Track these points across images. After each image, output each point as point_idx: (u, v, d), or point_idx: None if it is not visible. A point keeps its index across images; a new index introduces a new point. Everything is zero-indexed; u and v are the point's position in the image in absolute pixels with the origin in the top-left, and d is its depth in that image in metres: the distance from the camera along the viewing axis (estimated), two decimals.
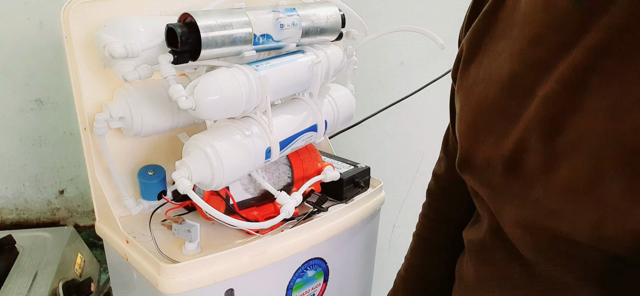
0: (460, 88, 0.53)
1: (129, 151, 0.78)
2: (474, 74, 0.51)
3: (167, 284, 0.63)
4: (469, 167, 0.50)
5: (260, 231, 0.71)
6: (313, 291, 0.80)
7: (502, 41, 0.48)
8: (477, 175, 0.49)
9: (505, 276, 0.48)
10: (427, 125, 1.28)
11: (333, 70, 0.78)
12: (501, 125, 0.46)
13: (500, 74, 0.46)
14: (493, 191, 0.47)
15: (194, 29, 0.60)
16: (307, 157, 0.80)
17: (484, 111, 0.48)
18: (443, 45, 0.75)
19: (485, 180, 0.48)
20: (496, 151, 0.46)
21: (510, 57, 0.46)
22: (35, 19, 1.03)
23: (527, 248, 0.45)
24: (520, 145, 0.44)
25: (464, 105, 0.51)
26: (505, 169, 0.45)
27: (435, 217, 0.68)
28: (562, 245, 0.41)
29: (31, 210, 1.16)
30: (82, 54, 0.69)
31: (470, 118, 0.50)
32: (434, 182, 0.69)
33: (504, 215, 0.46)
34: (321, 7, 0.75)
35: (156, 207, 0.78)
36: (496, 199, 0.47)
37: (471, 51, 0.52)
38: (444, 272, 0.65)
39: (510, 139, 0.45)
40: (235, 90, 0.62)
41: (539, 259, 0.44)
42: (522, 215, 0.44)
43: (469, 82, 0.51)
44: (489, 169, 0.47)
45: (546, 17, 0.43)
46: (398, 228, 1.39)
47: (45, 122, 1.10)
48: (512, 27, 0.47)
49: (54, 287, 0.87)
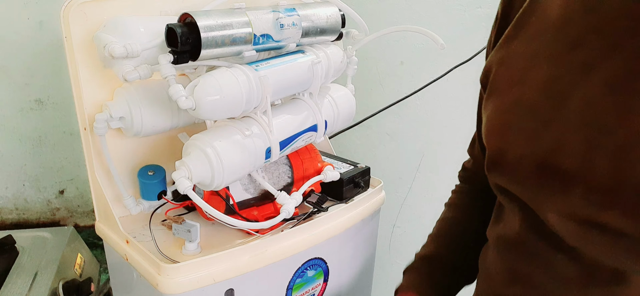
0: (492, 93, 0.54)
1: (129, 151, 0.78)
2: (506, 77, 0.51)
3: (167, 284, 0.63)
4: (500, 165, 0.51)
5: (260, 231, 0.71)
6: (313, 291, 0.80)
7: (536, 44, 0.49)
8: (508, 173, 0.50)
9: (548, 266, 0.49)
10: (427, 125, 1.28)
11: (333, 70, 0.78)
12: (535, 125, 0.46)
13: (537, 76, 0.47)
14: (528, 188, 0.48)
15: (194, 29, 0.60)
16: (307, 157, 0.80)
17: (518, 112, 0.49)
18: (443, 45, 0.75)
19: (518, 178, 0.49)
20: (529, 150, 0.47)
21: (547, 60, 0.47)
22: (35, 19, 1.03)
23: (573, 238, 0.46)
24: (556, 145, 0.44)
25: (496, 107, 0.52)
26: (538, 168, 0.46)
27: (466, 188, 0.72)
28: (609, 235, 0.42)
29: (31, 210, 1.16)
30: (82, 54, 0.69)
31: (502, 118, 0.51)
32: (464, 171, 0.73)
33: (546, 210, 0.47)
34: (321, 7, 0.75)
35: (156, 207, 0.78)
36: (535, 195, 0.48)
37: (502, 57, 0.53)
38: (477, 227, 0.66)
39: (545, 139, 0.45)
40: (235, 90, 0.62)
41: (585, 247, 0.45)
42: (564, 209, 0.45)
43: (502, 85, 0.52)
44: (521, 168, 0.48)
45: (588, 20, 0.44)
46: (398, 228, 1.39)
47: (45, 122, 1.10)
48: (546, 31, 0.48)
49: (54, 287, 0.87)
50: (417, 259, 0.70)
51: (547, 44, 0.47)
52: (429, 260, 0.69)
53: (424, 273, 0.68)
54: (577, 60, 0.44)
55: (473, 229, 0.67)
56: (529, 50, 0.49)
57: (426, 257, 0.69)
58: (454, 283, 0.68)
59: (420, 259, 0.70)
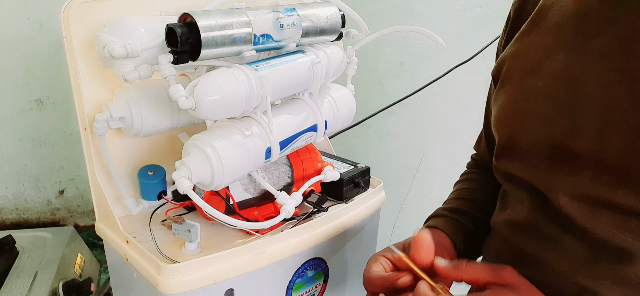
0: (504, 84, 0.55)
1: (129, 151, 0.78)
2: (521, 68, 0.53)
3: (167, 284, 0.63)
4: (511, 151, 0.53)
5: (260, 231, 0.71)
6: (313, 292, 0.80)
7: (553, 36, 0.51)
8: (519, 158, 0.52)
9: (557, 247, 0.50)
10: (427, 125, 1.28)
11: (333, 70, 0.78)
12: (550, 111, 0.48)
13: (553, 65, 0.49)
14: (539, 172, 0.50)
15: (194, 29, 0.60)
16: (307, 157, 0.80)
17: (533, 99, 0.51)
18: (443, 45, 0.75)
19: (529, 163, 0.51)
20: (543, 135, 0.49)
21: (564, 50, 0.49)
22: (35, 19, 1.04)
23: (583, 218, 0.47)
24: (570, 129, 0.46)
25: (509, 96, 0.54)
26: (551, 152, 0.48)
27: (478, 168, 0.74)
28: (619, 214, 0.44)
29: (31, 210, 1.16)
30: (82, 54, 0.69)
31: (516, 106, 0.53)
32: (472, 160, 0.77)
33: (557, 192, 0.48)
34: (321, 7, 0.75)
35: (156, 207, 0.78)
36: (546, 179, 0.49)
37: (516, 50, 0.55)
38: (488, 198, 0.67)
39: (559, 124, 0.47)
40: (235, 90, 0.62)
41: (594, 226, 0.46)
42: (575, 190, 0.46)
43: (516, 76, 0.54)
44: (533, 152, 0.50)
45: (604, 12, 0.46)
46: (398, 228, 1.39)
47: (45, 122, 1.10)
48: (563, 24, 0.50)
49: (54, 287, 0.87)
50: (439, 209, 0.70)
51: (564, 36, 0.49)
52: (451, 209, 0.69)
53: (449, 217, 0.68)
54: (593, 49, 0.46)
55: (489, 193, 0.68)
56: (546, 42, 0.51)
57: (449, 207, 0.70)
58: (479, 231, 0.67)
59: (442, 209, 0.70)
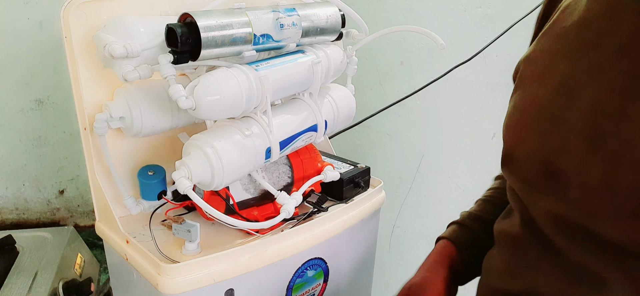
0: (516, 89, 0.54)
1: (129, 151, 0.78)
2: (529, 74, 0.52)
3: (167, 284, 0.63)
4: (510, 162, 0.51)
5: (260, 231, 0.71)
6: (313, 291, 0.80)
7: (560, 43, 0.49)
8: (515, 170, 0.51)
9: (538, 265, 0.49)
10: (427, 125, 1.28)
11: (333, 70, 0.78)
12: (545, 124, 0.47)
13: (553, 74, 0.47)
14: (527, 186, 0.49)
15: (194, 29, 0.60)
16: (307, 157, 0.80)
17: (532, 109, 0.49)
18: (443, 45, 0.75)
19: (522, 175, 0.49)
20: (537, 149, 0.47)
21: (565, 59, 0.47)
22: (35, 19, 1.03)
23: (561, 240, 0.46)
24: (560, 145, 0.44)
25: (515, 104, 0.53)
26: (542, 166, 0.46)
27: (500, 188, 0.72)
28: (596, 239, 0.42)
29: (31, 210, 1.16)
30: (82, 54, 0.69)
31: (517, 115, 0.51)
32: None
33: (537, 209, 0.47)
34: (321, 7, 0.75)
35: (156, 207, 0.78)
36: (529, 193, 0.48)
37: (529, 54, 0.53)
38: None
39: (552, 139, 0.46)
40: (235, 90, 0.62)
41: (572, 250, 0.45)
42: (556, 210, 0.45)
43: (525, 82, 0.52)
44: (527, 165, 0.48)
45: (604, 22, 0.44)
46: (398, 228, 1.39)
47: (45, 122, 1.10)
48: (569, 31, 0.48)
49: (54, 287, 0.87)
50: (462, 214, 0.72)
51: (568, 44, 0.47)
52: (473, 217, 0.70)
53: (467, 226, 0.69)
54: (592, 62, 0.44)
55: None
56: (553, 48, 0.49)
57: (472, 214, 0.70)
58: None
59: (466, 214, 0.71)
